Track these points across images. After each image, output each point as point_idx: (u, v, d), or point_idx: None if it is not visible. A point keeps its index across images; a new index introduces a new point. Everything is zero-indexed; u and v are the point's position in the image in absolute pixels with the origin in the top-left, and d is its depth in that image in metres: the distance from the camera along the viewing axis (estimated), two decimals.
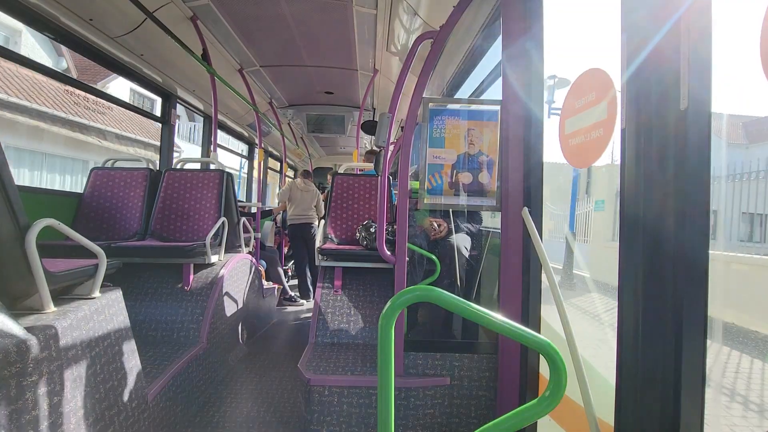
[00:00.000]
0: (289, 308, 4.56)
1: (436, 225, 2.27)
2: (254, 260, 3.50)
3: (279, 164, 7.02)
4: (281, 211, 5.07)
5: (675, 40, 0.83)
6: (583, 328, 3.15)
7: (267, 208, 5.22)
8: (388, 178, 2.59)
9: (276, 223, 5.18)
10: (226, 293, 2.76)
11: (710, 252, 0.81)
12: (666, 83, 0.85)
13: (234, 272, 2.93)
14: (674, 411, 0.82)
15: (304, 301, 4.73)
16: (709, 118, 0.81)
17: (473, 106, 1.94)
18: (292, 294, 4.71)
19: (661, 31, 0.86)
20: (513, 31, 1.67)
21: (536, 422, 1.46)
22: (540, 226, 1.54)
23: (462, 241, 2.23)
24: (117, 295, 1.60)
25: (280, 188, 6.29)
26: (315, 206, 4.84)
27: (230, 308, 2.82)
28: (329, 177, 5.16)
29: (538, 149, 1.63)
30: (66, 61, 11.02)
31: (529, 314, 1.61)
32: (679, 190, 0.83)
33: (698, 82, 0.80)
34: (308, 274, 4.86)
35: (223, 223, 2.86)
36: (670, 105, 0.84)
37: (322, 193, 5.32)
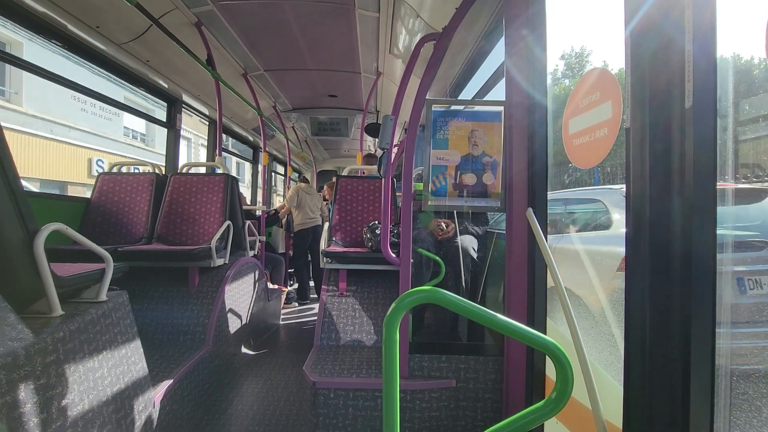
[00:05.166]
0: (294, 311, 4.58)
1: (444, 225, 2.27)
2: (259, 263, 3.51)
3: (283, 168, 7.06)
4: (286, 215, 5.11)
5: (679, 37, 0.82)
6: None
7: (272, 211, 5.26)
8: (392, 180, 2.59)
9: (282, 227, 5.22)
10: (232, 296, 2.78)
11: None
12: (670, 81, 0.85)
13: (239, 275, 2.95)
14: (683, 412, 0.81)
15: (296, 303, 4.77)
16: (715, 116, 0.80)
17: (477, 107, 1.94)
18: (290, 296, 4.78)
19: (665, 28, 0.85)
20: (516, 31, 1.67)
21: (543, 424, 1.45)
22: (545, 226, 1.54)
23: (468, 243, 2.22)
24: (123, 299, 1.62)
25: (284, 192, 6.32)
26: (320, 208, 4.91)
27: (235, 311, 2.83)
28: (326, 189, 5.26)
29: (542, 150, 1.63)
30: None
31: (535, 315, 1.60)
32: (684, 189, 0.82)
33: (703, 80, 0.80)
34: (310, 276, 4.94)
35: (228, 226, 2.88)
36: (675, 103, 0.84)
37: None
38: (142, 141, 15.56)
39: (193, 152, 16.41)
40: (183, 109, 3.75)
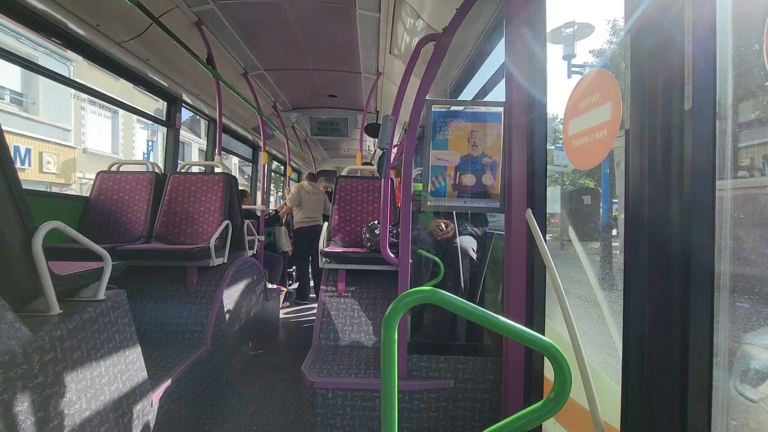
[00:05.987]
0: (293, 311, 4.58)
1: (443, 225, 2.27)
2: (258, 263, 3.51)
3: (283, 167, 7.05)
4: (287, 214, 5.11)
5: (679, 39, 0.82)
6: None
7: (272, 212, 5.26)
8: (391, 180, 2.59)
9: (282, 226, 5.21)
10: (230, 296, 2.77)
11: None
12: (670, 84, 0.85)
13: (238, 275, 2.94)
14: (681, 413, 0.81)
15: (287, 303, 4.77)
16: (714, 119, 0.80)
17: (476, 108, 1.94)
18: (288, 296, 4.78)
19: (665, 30, 0.86)
20: (516, 33, 1.67)
21: (541, 425, 1.45)
22: (544, 227, 1.54)
23: (467, 243, 2.22)
24: (122, 298, 1.61)
25: (284, 191, 6.32)
26: (324, 208, 4.91)
27: (234, 310, 2.83)
28: (324, 186, 5.26)
29: (541, 151, 1.63)
30: None
31: (534, 316, 1.60)
32: (683, 191, 0.82)
33: (702, 82, 0.80)
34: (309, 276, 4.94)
35: (227, 225, 2.87)
36: (674, 105, 0.84)
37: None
38: (15, 103, 10.10)
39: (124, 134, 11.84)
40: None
